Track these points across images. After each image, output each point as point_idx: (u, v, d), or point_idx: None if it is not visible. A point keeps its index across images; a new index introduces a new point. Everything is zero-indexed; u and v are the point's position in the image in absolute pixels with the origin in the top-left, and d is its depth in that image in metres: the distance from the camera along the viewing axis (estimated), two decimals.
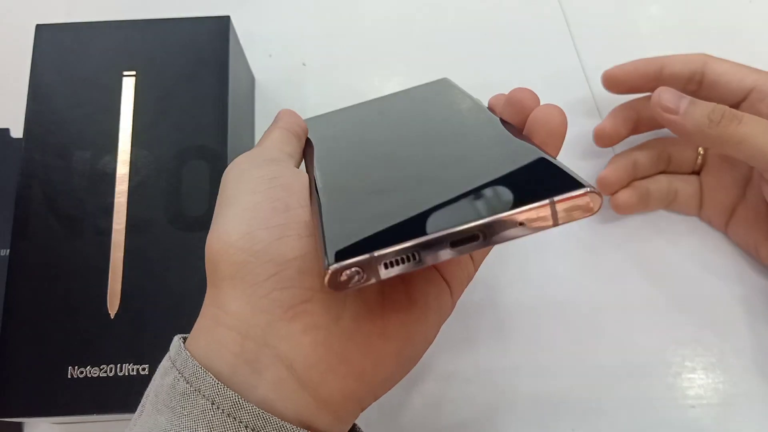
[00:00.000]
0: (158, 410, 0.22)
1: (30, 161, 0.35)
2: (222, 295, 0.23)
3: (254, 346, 0.22)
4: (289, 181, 0.25)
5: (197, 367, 0.22)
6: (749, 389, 0.37)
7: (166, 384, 0.22)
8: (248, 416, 0.21)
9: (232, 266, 0.23)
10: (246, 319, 0.23)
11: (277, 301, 0.23)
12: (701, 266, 0.40)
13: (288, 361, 0.22)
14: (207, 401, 0.21)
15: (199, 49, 0.37)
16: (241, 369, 0.22)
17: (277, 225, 0.23)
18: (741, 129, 0.33)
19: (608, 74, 0.40)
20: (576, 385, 0.37)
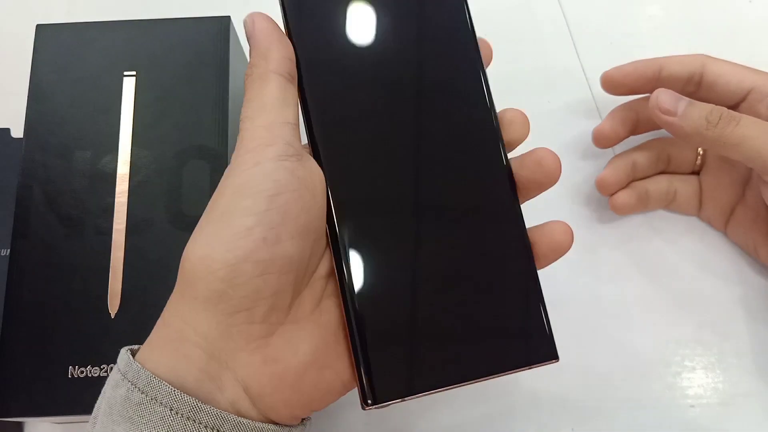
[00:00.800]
0: (114, 421, 0.23)
1: (30, 161, 0.35)
2: (193, 313, 0.24)
3: (218, 366, 0.24)
4: (287, 200, 0.24)
5: (151, 377, 0.23)
6: (749, 389, 0.37)
7: (119, 396, 0.23)
8: (207, 417, 0.22)
9: (208, 291, 0.23)
10: (213, 341, 0.24)
11: (244, 333, 0.24)
12: (701, 266, 0.40)
13: (245, 385, 0.24)
14: (165, 408, 0.22)
15: (199, 49, 0.37)
16: (205, 384, 0.23)
17: (263, 260, 0.24)
18: (739, 131, 0.33)
19: (607, 76, 0.40)
20: (576, 385, 0.38)
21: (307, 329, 0.25)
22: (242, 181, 0.24)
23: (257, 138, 0.25)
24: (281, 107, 0.26)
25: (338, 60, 0.28)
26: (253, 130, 0.25)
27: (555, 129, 0.44)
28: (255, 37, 0.27)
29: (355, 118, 0.27)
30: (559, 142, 0.43)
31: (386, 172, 0.27)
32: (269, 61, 0.26)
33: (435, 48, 0.28)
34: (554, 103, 0.45)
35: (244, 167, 0.25)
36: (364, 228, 0.26)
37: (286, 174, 0.24)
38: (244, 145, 0.25)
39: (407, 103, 0.28)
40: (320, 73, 0.27)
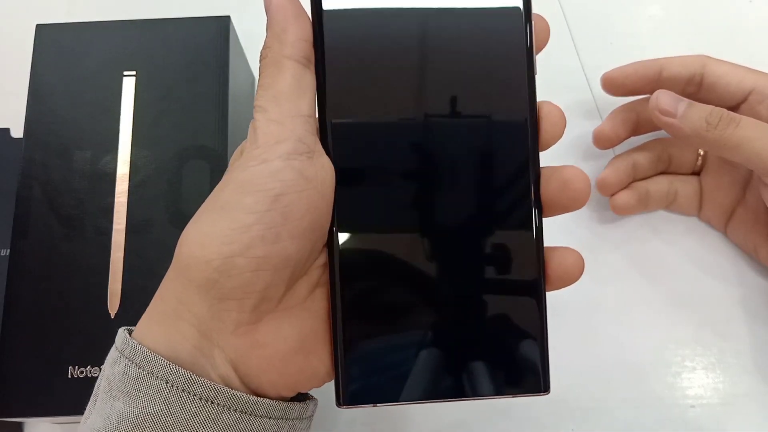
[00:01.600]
0: (113, 397, 0.23)
1: (30, 161, 0.35)
2: (187, 293, 0.24)
3: (209, 345, 0.24)
4: (292, 201, 0.24)
5: (147, 353, 0.23)
6: (749, 389, 0.37)
7: (117, 372, 0.24)
8: (201, 389, 0.23)
9: (202, 278, 0.24)
10: (205, 321, 0.24)
11: (233, 318, 0.24)
12: (701, 266, 0.40)
13: (234, 365, 0.25)
14: (161, 381, 0.23)
15: (199, 49, 0.37)
16: (199, 359, 0.24)
17: (258, 257, 0.23)
18: (738, 132, 0.33)
19: (607, 77, 0.40)
20: (576, 385, 0.38)
21: (297, 316, 0.25)
22: (247, 177, 0.24)
23: (268, 133, 0.24)
24: (295, 98, 0.24)
25: (366, 48, 0.25)
26: (264, 123, 0.24)
27: None
28: (270, 13, 0.25)
29: (373, 112, 0.25)
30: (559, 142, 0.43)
31: (398, 172, 0.25)
32: (284, 44, 0.25)
33: (475, 44, 0.25)
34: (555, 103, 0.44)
35: (252, 163, 0.24)
36: (362, 230, 0.25)
37: (293, 174, 0.24)
38: (255, 139, 0.24)
39: (434, 103, 0.25)
40: (343, 59, 0.25)
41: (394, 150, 0.25)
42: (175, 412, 0.23)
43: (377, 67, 0.25)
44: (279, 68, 0.24)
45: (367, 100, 0.25)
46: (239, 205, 0.24)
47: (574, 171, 0.25)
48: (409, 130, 0.25)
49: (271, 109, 0.24)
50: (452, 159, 0.25)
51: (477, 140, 0.25)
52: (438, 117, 0.25)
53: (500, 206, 0.25)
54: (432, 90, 0.25)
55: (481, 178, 0.25)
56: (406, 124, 0.25)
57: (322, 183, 0.24)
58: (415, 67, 0.25)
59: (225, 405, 0.23)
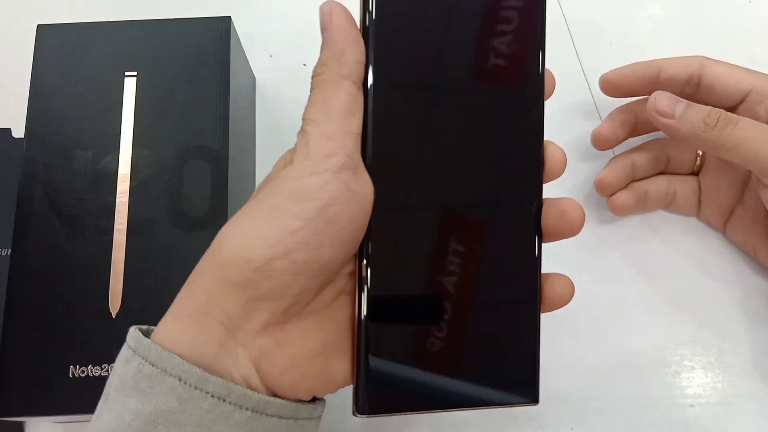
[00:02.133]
0: (126, 395, 0.24)
1: (31, 161, 0.36)
2: (221, 292, 0.25)
3: (234, 343, 0.25)
4: (337, 212, 0.25)
5: (160, 351, 0.24)
6: (748, 388, 0.37)
7: (130, 370, 0.24)
8: (213, 387, 0.23)
9: (241, 277, 0.24)
10: (234, 319, 0.25)
11: (264, 318, 0.25)
12: (700, 266, 0.40)
13: (256, 364, 0.25)
14: (174, 379, 0.23)
15: (200, 49, 0.38)
16: (223, 357, 0.25)
17: (300, 261, 0.24)
18: (736, 133, 0.33)
19: (605, 78, 0.40)
20: (575, 385, 0.38)
21: (321, 320, 0.26)
22: (298, 186, 0.25)
23: (320, 147, 0.25)
24: (348, 116, 0.26)
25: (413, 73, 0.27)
26: (317, 137, 0.25)
27: (554, 130, 0.43)
28: (331, 34, 0.26)
29: (412, 135, 0.27)
30: (558, 143, 0.43)
31: (425, 194, 0.27)
32: (343, 65, 0.26)
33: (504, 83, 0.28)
34: (554, 104, 0.44)
35: (303, 174, 0.25)
36: (390, 247, 0.27)
37: (340, 186, 0.25)
38: (307, 151, 0.25)
39: (463, 131, 0.27)
40: (390, 82, 0.27)
41: (425, 175, 0.27)
42: (188, 410, 0.23)
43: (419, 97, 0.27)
44: (336, 87, 0.26)
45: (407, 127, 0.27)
46: (288, 211, 0.25)
47: (571, 203, 0.28)
48: (438, 156, 0.27)
49: (324, 124, 0.25)
50: (472, 190, 0.28)
51: (493, 178, 0.28)
52: (462, 151, 0.28)
53: (508, 233, 0.28)
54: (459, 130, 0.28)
55: (495, 209, 0.28)
56: (437, 152, 0.27)
57: (364, 197, 0.26)
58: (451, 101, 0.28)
59: (236, 403, 0.24)
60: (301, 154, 0.25)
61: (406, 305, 0.27)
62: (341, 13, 0.26)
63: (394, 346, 0.27)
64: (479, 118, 0.28)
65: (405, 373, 0.27)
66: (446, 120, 0.27)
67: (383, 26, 0.26)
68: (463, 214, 0.27)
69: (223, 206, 0.35)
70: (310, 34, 0.47)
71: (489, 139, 0.28)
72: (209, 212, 0.35)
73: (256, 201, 0.26)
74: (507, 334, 0.28)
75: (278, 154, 0.34)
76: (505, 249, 0.28)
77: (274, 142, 0.44)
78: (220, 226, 0.31)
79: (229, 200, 0.35)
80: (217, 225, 0.34)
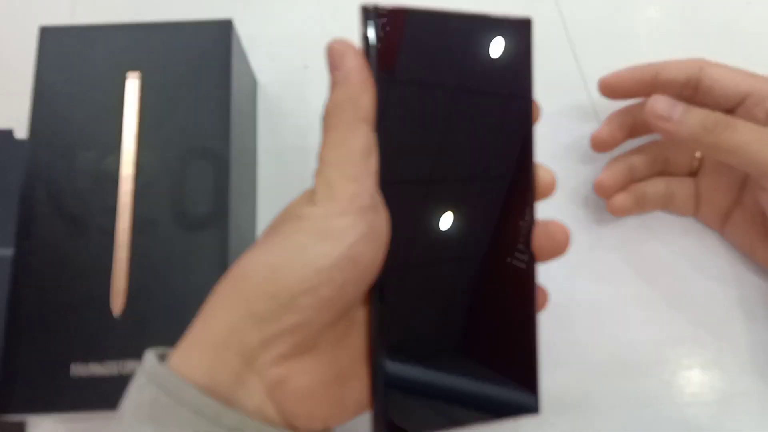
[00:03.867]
0: (141, 421, 0.24)
1: (34, 162, 0.36)
2: (243, 324, 0.25)
3: (250, 373, 0.25)
4: (362, 251, 0.25)
5: (178, 381, 0.24)
6: (746, 387, 0.38)
7: (146, 398, 0.24)
8: (230, 420, 0.23)
9: (267, 312, 0.25)
10: (252, 350, 0.25)
11: (282, 352, 0.25)
12: (698, 266, 0.41)
13: (273, 395, 0.25)
14: (190, 411, 0.23)
15: (202, 52, 0.38)
16: (237, 388, 0.24)
17: (325, 298, 0.25)
18: (735, 137, 0.34)
19: (604, 81, 0.40)
20: (573, 384, 0.38)
21: (336, 350, 0.27)
22: (327, 226, 0.25)
23: (346, 189, 0.26)
24: (368, 158, 0.26)
25: (415, 112, 0.28)
26: (341, 179, 0.26)
27: (553, 132, 0.44)
28: (347, 77, 0.26)
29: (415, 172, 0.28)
30: (557, 145, 0.44)
31: (428, 216, 0.28)
32: (359, 109, 0.26)
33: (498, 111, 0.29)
34: (552, 106, 0.45)
35: (331, 214, 0.25)
36: (402, 274, 0.27)
37: (365, 227, 0.25)
38: (332, 193, 0.26)
39: (462, 160, 0.28)
40: (395, 122, 0.27)
41: (426, 205, 0.28)
42: None
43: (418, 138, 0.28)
44: (353, 130, 0.26)
45: (412, 164, 0.28)
46: (318, 249, 0.25)
47: (557, 226, 0.29)
48: (439, 191, 0.28)
49: (346, 167, 0.26)
50: (473, 218, 0.29)
51: (491, 205, 0.29)
52: (462, 181, 0.29)
53: (505, 252, 0.29)
54: (458, 160, 0.29)
55: (493, 232, 0.29)
56: (437, 187, 0.28)
57: (383, 234, 0.26)
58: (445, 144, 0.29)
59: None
60: (325, 195, 0.26)
61: (418, 329, 0.28)
62: (355, 55, 0.27)
63: (409, 370, 0.27)
64: (477, 149, 0.29)
65: (420, 394, 0.27)
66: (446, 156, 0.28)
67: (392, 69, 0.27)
68: (463, 241, 0.28)
69: (225, 207, 0.35)
70: (312, 36, 0.48)
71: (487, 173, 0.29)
72: (212, 212, 0.35)
73: (278, 238, 0.26)
74: (510, 348, 0.29)
75: (280, 156, 0.34)
76: (503, 267, 0.29)
77: (275, 143, 0.44)
78: (223, 226, 0.31)
79: (231, 201, 0.35)
80: (219, 225, 0.35)
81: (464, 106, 0.28)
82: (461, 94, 0.28)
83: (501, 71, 0.29)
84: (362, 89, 0.26)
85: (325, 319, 0.25)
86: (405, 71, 0.27)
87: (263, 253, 0.26)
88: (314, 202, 0.26)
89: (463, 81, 0.28)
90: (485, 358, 0.28)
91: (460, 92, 0.28)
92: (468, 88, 0.28)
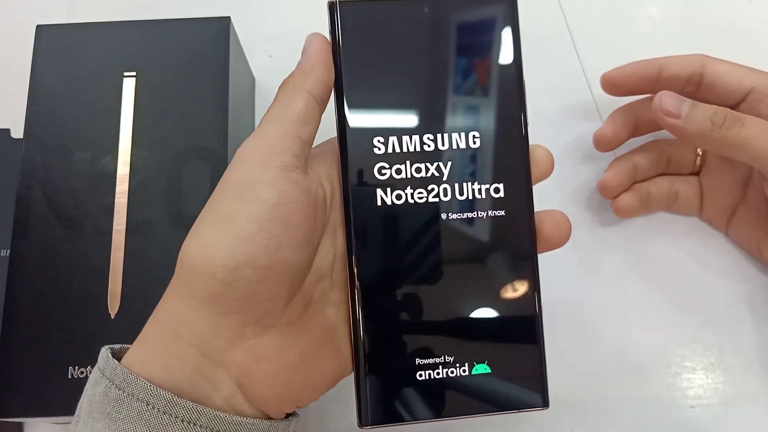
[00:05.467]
0: (94, 418, 0.23)
1: (30, 162, 0.35)
2: (189, 311, 0.25)
3: (212, 365, 0.25)
4: (290, 211, 0.25)
5: (127, 374, 0.23)
6: (749, 389, 0.37)
7: (98, 393, 0.24)
8: (183, 411, 0.23)
9: (206, 292, 0.24)
10: (207, 341, 0.24)
11: (237, 333, 0.25)
12: (701, 266, 0.40)
13: (239, 382, 0.25)
14: (141, 403, 0.23)
15: (199, 49, 0.37)
16: (200, 382, 0.24)
17: (262, 266, 0.24)
18: (743, 132, 0.33)
19: (607, 77, 0.40)
20: (576, 385, 0.38)
21: (296, 332, 0.26)
22: (248, 186, 0.25)
23: (268, 145, 0.26)
24: (300, 123, 0.26)
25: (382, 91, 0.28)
26: (267, 135, 0.26)
27: (555, 131, 0.44)
28: (305, 54, 0.28)
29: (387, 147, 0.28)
30: (559, 143, 0.43)
31: (410, 209, 0.28)
32: (306, 79, 0.27)
33: (481, 91, 0.29)
34: (554, 104, 0.45)
35: (252, 174, 0.25)
36: (382, 260, 0.27)
37: (290, 185, 0.25)
38: (255, 148, 0.26)
39: (441, 146, 0.28)
40: (360, 102, 0.28)
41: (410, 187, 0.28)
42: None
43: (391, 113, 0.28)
44: (294, 95, 0.27)
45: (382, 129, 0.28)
46: (243, 214, 0.24)
47: (561, 215, 0.29)
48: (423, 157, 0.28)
49: (276, 124, 0.26)
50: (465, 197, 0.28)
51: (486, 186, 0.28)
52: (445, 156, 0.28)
53: (504, 239, 0.28)
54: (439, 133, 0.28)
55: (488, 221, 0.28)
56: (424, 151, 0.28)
57: (315, 197, 0.26)
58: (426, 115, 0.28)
59: (207, 426, 0.23)
60: (249, 151, 0.26)
61: (403, 314, 0.27)
62: (320, 41, 0.28)
63: (393, 356, 0.27)
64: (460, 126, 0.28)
65: (408, 382, 0.27)
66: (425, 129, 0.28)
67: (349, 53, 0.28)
68: (458, 223, 0.28)
69: None
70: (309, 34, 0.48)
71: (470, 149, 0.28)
72: None
73: (208, 209, 0.26)
74: (510, 338, 0.28)
75: None
76: (502, 255, 0.28)
77: None
78: None
79: None
80: None
81: (440, 92, 0.28)
82: (442, 85, 0.28)
83: (486, 57, 0.28)
84: (315, 64, 0.27)
85: (270, 291, 0.25)
86: (371, 60, 0.28)
87: (197, 230, 0.25)
88: (239, 162, 0.26)
89: (438, 65, 0.28)
90: (483, 347, 0.28)
91: (440, 82, 0.28)
92: (443, 72, 0.28)
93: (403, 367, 0.27)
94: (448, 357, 0.27)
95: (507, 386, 0.28)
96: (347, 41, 0.28)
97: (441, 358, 0.27)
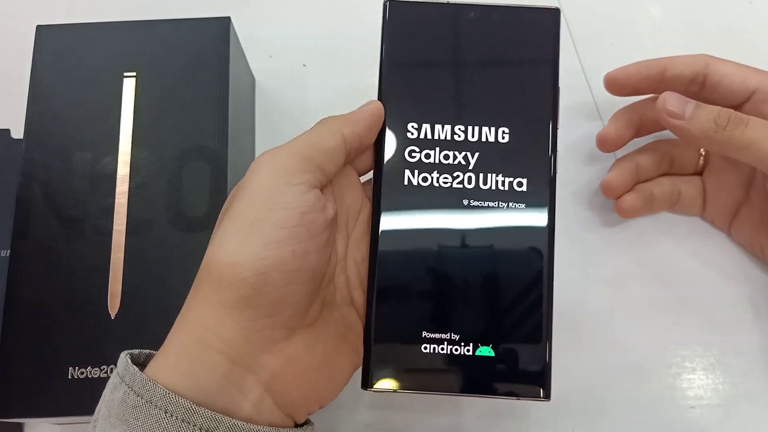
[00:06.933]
0: (111, 424, 0.23)
1: (30, 162, 0.35)
2: (217, 319, 0.25)
3: (240, 372, 0.25)
4: (314, 218, 0.26)
5: (146, 381, 0.23)
6: (749, 390, 0.37)
7: (116, 398, 0.24)
8: (201, 419, 0.23)
9: (237, 297, 0.25)
10: (237, 347, 0.25)
11: (267, 337, 0.25)
12: (703, 267, 0.40)
13: (268, 386, 0.26)
14: (160, 411, 0.23)
15: (199, 50, 0.37)
16: (227, 389, 0.25)
17: (291, 271, 0.25)
18: (747, 133, 0.33)
19: (610, 76, 0.40)
20: (576, 385, 0.37)
21: (318, 332, 0.27)
22: (275, 196, 0.26)
23: (296, 161, 0.27)
24: (327, 159, 0.28)
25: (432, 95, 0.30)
26: (294, 153, 0.27)
27: None
28: (359, 109, 0.30)
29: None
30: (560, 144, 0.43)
31: (434, 191, 0.29)
32: (348, 126, 0.29)
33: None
34: None
35: (279, 184, 0.26)
36: (400, 240, 0.29)
37: (314, 196, 0.27)
38: (282, 161, 0.27)
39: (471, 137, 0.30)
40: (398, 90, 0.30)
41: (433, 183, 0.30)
42: None
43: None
44: (330, 132, 0.28)
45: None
46: (270, 221, 0.25)
47: None
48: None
49: (306, 148, 0.28)
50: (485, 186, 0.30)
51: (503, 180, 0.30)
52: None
53: (522, 231, 0.29)
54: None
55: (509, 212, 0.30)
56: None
57: (330, 210, 0.28)
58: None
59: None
60: (278, 161, 0.27)
61: (415, 288, 0.29)
62: (376, 106, 0.30)
63: (402, 326, 0.28)
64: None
65: (413, 353, 0.28)
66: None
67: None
68: (478, 210, 0.29)
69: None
70: (310, 34, 0.48)
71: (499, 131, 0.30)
72: (209, 213, 0.35)
73: (233, 217, 0.26)
74: (517, 326, 0.29)
75: None
76: (520, 244, 0.29)
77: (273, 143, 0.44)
78: None
79: None
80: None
81: (481, 95, 0.30)
82: (478, 83, 0.30)
83: (524, 62, 0.31)
84: (361, 120, 0.29)
85: (298, 294, 0.26)
86: (414, 53, 0.30)
87: (222, 238, 0.26)
88: (264, 172, 0.27)
89: (481, 69, 0.30)
90: (488, 329, 0.28)
91: (477, 80, 0.30)
92: (486, 76, 0.30)
93: (409, 338, 0.28)
94: (455, 335, 0.28)
95: (509, 372, 0.28)
96: (392, 35, 0.30)
97: (447, 335, 0.28)
